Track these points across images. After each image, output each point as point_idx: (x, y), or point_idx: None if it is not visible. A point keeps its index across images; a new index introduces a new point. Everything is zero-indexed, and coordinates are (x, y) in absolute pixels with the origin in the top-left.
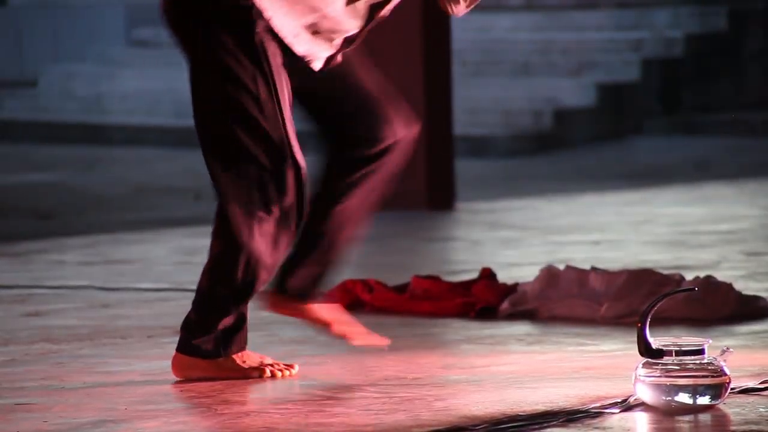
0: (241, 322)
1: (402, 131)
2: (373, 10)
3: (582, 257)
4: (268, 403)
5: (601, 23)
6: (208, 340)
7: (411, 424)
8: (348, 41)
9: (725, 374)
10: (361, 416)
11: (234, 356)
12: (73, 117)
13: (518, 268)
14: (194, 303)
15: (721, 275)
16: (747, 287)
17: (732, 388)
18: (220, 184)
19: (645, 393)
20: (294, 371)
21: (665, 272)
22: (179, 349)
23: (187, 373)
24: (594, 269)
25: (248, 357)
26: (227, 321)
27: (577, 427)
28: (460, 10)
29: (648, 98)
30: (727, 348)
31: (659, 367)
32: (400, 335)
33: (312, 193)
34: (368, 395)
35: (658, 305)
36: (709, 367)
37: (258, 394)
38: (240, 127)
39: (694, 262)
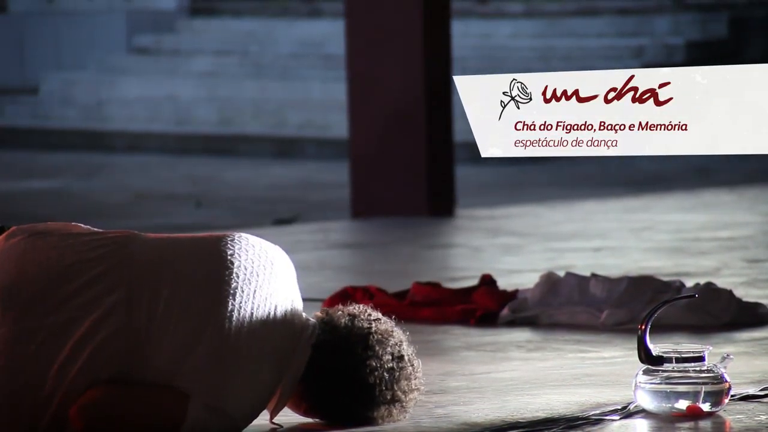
0: None
1: None
2: None
3: (583, 264)
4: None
5: (602, 30)
6: None
7: (412, 430)
8: None
9: (725, 381)
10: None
11: None
12: (74, 124)
13: (518, 274)
14: None
15: (721, 282)
16: (747, 294)
17: (732, 395)
18: None
19: (645, 400)
20: None
21: (666, 279)
22: None
23: None
24: (594, 276)
25: None
26: None
27: None
28: None
29: None
30: (728, 355)
31: (659, 373)
32: None
33: None
34: None
35: (659, 312)
36: (710, 374)
37: None
38: None
39: (694, 269)
